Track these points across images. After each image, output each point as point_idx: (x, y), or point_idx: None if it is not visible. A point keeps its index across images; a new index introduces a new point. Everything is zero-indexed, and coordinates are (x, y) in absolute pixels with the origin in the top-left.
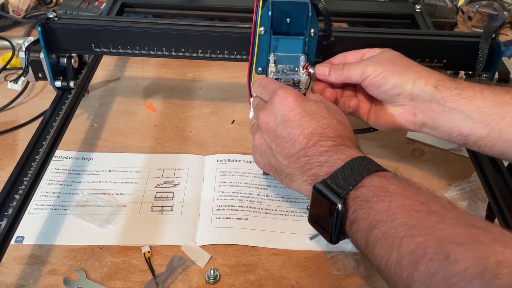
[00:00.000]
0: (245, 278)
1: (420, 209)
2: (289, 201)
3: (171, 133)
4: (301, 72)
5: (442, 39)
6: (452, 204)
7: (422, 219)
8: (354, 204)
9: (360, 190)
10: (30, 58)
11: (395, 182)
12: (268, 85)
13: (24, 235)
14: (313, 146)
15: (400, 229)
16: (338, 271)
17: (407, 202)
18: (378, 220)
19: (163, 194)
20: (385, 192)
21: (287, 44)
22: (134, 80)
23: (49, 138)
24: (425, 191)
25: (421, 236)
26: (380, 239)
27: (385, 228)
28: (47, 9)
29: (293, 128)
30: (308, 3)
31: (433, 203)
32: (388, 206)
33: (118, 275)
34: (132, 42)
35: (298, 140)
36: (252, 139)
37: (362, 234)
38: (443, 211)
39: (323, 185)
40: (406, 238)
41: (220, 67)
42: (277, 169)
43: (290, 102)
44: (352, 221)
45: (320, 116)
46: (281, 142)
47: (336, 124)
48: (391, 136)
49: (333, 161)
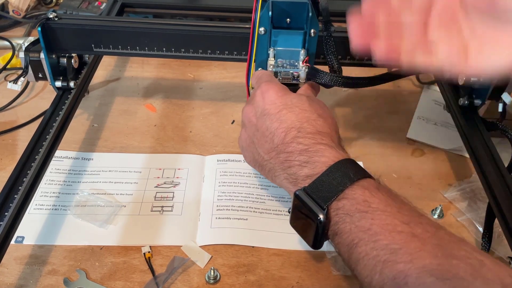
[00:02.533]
0: (245, 278)
1: (402, 230)
2: (289, 201)
3: (171, 133)
4: (300, 66)
5: None
6: (434, 226)
7: (403, 243)
8: (336, 216)
9: (342, 202)
10: (30, 58)
11: (378, 194)
12: (262, 77)
13: (24, 235)
14: (291, 142)
15: (382, 252)
16: (338, 271)
17: (389, 221)
18: (360, 238)
19: (163, 194)
20: (367, 207)
21: (287, 39)
22: (134, 80)
23: (49, 138)
24: (408, 206)
25: (402, 263)
26: (362, 258)
27: (367, 249)
28: (47, 9)
29: (272, 122)
30: (308, 3)
31: (416, 224)
32: (371, 224)
33: (118, 275)
34: (132, 42)
35: (276, 134)
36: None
37: (345, 248)
38: (425, 236)
39: (304, 193)
40: (387, 263)
41: (220, 67)
42: (260, 164)
43: (270, 95)
44: (334, 233)
45: (300, 109)
46: (261, 136)
47: (315, 118)
48: (391, 136)
49: (313, 163)
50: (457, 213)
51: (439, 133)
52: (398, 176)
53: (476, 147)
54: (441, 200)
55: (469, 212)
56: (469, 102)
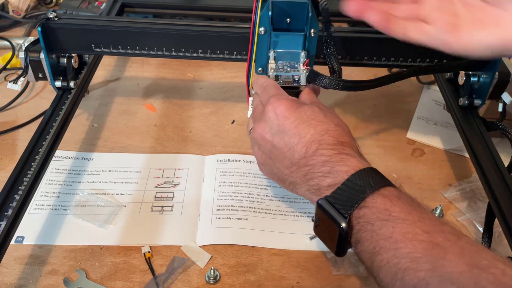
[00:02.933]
0: (245, 278)
1: (423, 239)
2: (289, 201)
3: (171, 133)
4: (301, 68)
5: None
6: (456, 234)
7: (424, 251)
8: (358, 225)
9: (363, 211)
10: (30, 58)
11: (398, 203)
12: (267, 89)
13: (24, 235)
14: (313, 155)
15: (403, 260)
16: (338, 271)
17: (410, 229)
18: (382, 246)
19: (163, 194)
20: (388, 215)
21: (287, 40)
22: (134, 80)
23: (49, 138)
24: (429, 215)
25: (423, 271)
26: (384, 266)
27: (388, 256)
28: (47, 9)
29: (290, 138)
30: (308, 3)
31: (437, 233)
32: (391, 232)
33: (118, 275)
34: (132, 42)
35: (296, 150)
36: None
37: (367, 255)
38: (446, 244)
39: (327, 202)
40: (408, 271)
41: (220, 67)
42: (280, 178)
43: (283, 110)
44: (357, 241)
45: (316, 122)
46: (279, 153)
47: (333, 128)
48: (391, 136)
49: (335, 172)
50: (457, 213)
51: (439, 133)
52: (398, 176)
53: (476, 147)
54: (441, 200)
55: (469, 212)
56: (469, 102)
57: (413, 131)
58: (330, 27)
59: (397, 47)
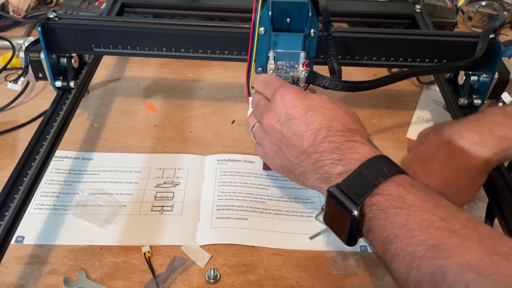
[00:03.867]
0: (245, 278)
1: (439, 226)
2: (289, 201)
3: (171, 133)
4: (300, 69)
5: (442, 39)
6: (473, 221)
7: (441, 239)
8: (370, 212)
9: (376, 198)
10: (30, 58)
11: (413, 191)
12: (271, 82)
13: (24, 235)
14: (321, 142)
15: (419, 248)
16: (338, 271)
17: (426, 217)
18: (396, 234)
19: (163, 194)
20: (402, 203)
21: (287, 41)
22: (134, 80)
23: (49, 138)
24: (445, 203)
25: (440, 259)
26: (398, 254)
27: (403, 244)
28: (47, 9)
29: (299, 125)
30: (308, 3)
31: (454, 220)
32: (406, 220)
33: (118, 275)
34: (132, 42)
35: (305, 137)
36: (261, 145)
37: (379, 244)
38: (464, 231)
39: (338, 189)
40: (424, 258)
41: (220, 67)
42: (290, 170)
43: (291, 99)
44: (368, 229)
45: (325, 109)
46: (289, 142)
47: (342, 115)
48: (391, 136)
49: (346, 160)
50: None
51: None
52: None
53: None
54: None
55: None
56: (469, 102)
57: (413, 131)
58: (330, 27)
59: (397, 47)
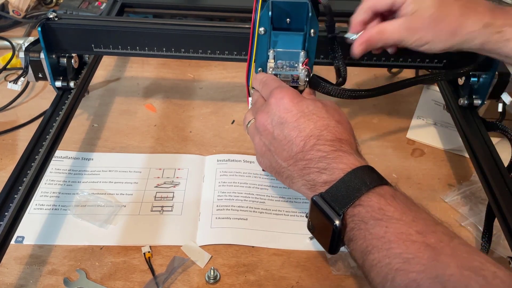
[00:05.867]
0: (245, 278)
1: (416, 240)
2: (289, 201)
3: (171, 133)
4: (300, 68)
5: None
6: (449, 234)
7: (416, 252)
8: (351, 223)
9: (357, 209)
10: (30, 58)
11: (393, 203)
12: (268, 83)
13: (24, 235)
14: (310, 149)
15: (395, 261)
16: (338, 271)
17: (404, 229)
18: (374, 245)
19: (163, 194)
20: (382, 215)
21: (287, 40)
22: (134, 80)
23: (49, 138)
24: (423, 215)
25: (414, 273)
26: (375, 265)
27: (380, 256)
28: (47, 9)
29: (290, 130)
30: (308, 3)
31: (430, 233)
32: (385, 232)
33: (118, 275)
34: (132, 42)
35: (295, 143)
36: (252, 142)
37: (359, 254)
38: (439, 245)
39: (321, 198)
40: (399, 271)
41: (220, 67)
42: (278, 171)
43: (286, 103)
44: (350, 239)
45: (318, 117)
46: (279, 145)
47: (334, 125)
48: (391, 136)
49: (332, 169)
50: (460, 218)
51: (439, 133)
52: (398, 176)
53: (476, 147)
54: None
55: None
56: (469, 102)
57: (413, 131)
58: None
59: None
